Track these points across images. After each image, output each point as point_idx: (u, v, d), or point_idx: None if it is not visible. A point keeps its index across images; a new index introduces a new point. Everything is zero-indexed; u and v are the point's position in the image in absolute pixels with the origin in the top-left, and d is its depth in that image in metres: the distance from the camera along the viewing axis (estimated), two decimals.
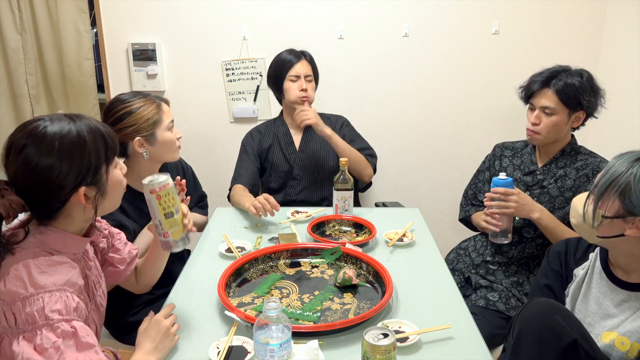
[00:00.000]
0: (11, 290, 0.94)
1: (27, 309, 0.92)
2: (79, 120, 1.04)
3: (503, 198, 1.64)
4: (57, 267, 0.99)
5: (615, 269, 1.24)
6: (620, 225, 1.13)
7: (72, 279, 1.00)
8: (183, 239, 1.21)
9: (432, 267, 1.55)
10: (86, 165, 1.02)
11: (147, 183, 1.13)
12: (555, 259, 1.37)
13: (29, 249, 1.01)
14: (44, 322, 0.92)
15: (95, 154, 1.03)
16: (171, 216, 1.13)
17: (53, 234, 1.05)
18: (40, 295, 0.94)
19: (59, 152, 0.99)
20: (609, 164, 1.16)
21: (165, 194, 1.13)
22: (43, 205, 1.03)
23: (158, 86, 2.61)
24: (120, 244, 1.34)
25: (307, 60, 2.14)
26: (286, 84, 2.10)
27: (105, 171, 1.07)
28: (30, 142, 0.99)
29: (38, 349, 0.90)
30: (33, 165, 0.98)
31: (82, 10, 2.52)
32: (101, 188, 1.07)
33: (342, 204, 1.85)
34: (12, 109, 2.67)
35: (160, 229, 1.15)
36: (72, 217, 1.07)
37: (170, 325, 1.12)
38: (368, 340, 0.97)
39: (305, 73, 2.10)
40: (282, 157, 2.18)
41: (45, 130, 1.00)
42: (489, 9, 2.49)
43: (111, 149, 1.08)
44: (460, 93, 2.62)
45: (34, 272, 0.96)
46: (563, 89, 1.68)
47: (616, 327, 1.20)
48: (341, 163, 1.81)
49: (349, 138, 2.15)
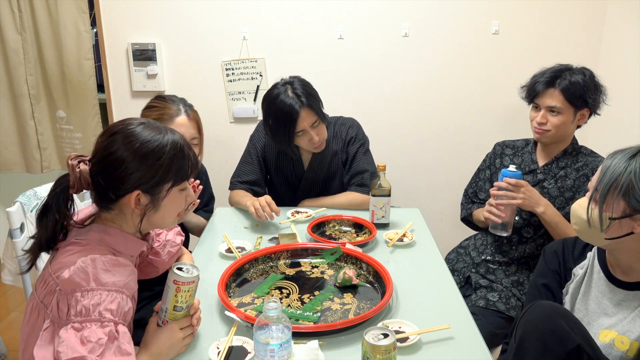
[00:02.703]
0: (74, 280, 0.97)
1: (84, 301, 0.95)
2: (170, 134, 1.10)
3: (512, 189, 1.64)
4: (120, 268, 1.03)
5: (614, 269, 1.24)
6: (629, 224, 1.13)
7: (130, 282, 1.04)
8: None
9: (432, 267, 1.55)
10: (151, 174, 1.07)
11: (176, 271, 1.09)
12: (552, 258, 1.37)
13: (93, 245, 1.05)
14: (96, 317, 0.95)
15: (164, 169, 1.08)
16: (179, 311, 1.11)
17: (115, 233, 1.09)
18: (99, 292, 0.97)
19: (136, 151, 1.05)
20: (604, 165, 1.15)
21: (186, 289, 1.09)
22: (102, 191, 1.07)
23: (158, 86, 2.61)
24: (160, 247, 1.37)
25: (306, 106, 1.85)
26: (295, 139, 1.91)
27: (168, 189, 1.10)
28: (121, 132, 1.07)
29: (83, 340, 0.92)
30: (111, 151, 1.05)
31: (82, 10, 2.52)
32: (155, 201, 1.10)
33: (378, 210, 1.77)
34: (12, 109, 2.67)
35: (163, 315, 1.11)
36: (125, 216, 1.10)
37: (182, 338, 1.11)
38: (368, 340, 0.97)
39: (310, 123, 1.87)
40: (289, 173, 2.08)
41: (137, 129, 1.08)
42: (489, 9, 2.49)
43: (184, 172, 1.12)
44: (460, 93, 2.62)
45: (99, 269, 0.99)
46: (569, 87, 1.69)
47: (615, 325, 1.20)
48: (379, 167, 1.74)
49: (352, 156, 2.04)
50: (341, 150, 2.07)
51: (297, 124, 1.85)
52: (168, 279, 1.10)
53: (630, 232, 1.13)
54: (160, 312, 1.12)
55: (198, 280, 1.12)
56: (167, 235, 1.41)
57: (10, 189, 2.98)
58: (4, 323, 2.57)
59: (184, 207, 1.19)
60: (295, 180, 2.10)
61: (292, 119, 1.84)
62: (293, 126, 1.85)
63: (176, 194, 1.13)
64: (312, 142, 1.91)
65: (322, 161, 2.05)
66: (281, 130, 1.88)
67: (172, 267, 1.10)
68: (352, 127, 2.09)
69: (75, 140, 2.72)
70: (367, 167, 2.03)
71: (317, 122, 1.89)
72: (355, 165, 2.04)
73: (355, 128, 2.09)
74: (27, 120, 2.66)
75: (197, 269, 1.12)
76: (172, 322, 1.11)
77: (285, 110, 1.84)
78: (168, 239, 1.41)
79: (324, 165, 2.06)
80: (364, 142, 2.08)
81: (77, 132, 2.70)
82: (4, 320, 2.59)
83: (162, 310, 1.12)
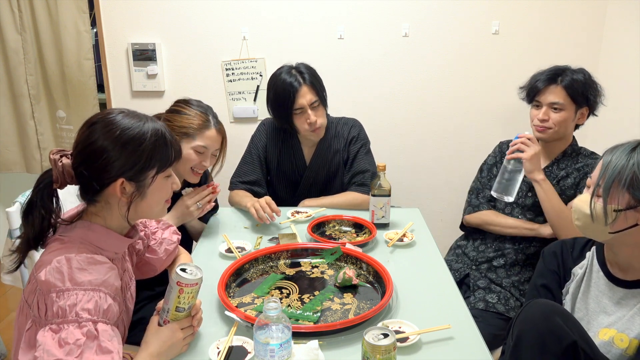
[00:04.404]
0: (49, 281, 0.96)
1: (60, 302, 0.95)
2: (151, 122, 1.10)
3: (527, 142, 1.68)
4: (96, 266, 1.02)
5: (613, 268, 1.25)
6: (634, 216, 1.14)
7: (109, 280, 1.02)
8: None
9: (432, 267, 1.55)
10: (133, 161, 1.06)
11: (179, 272, 1.09)
12: (551, 258, 1.38)
13: (74, 242, 1.05)
14: (73, 318, 0.94)
15: (147, 155, 1.07)
16: (181, 311, 1.11)
17: (98, 230, 1.09)
18: (75, 292, 0.96)
19: (116, 139, 1.05)
20: (605, 160, 1.17)
21: (189, 291, 1.09)
22: (86, 182, 1.07)
23: (158, 86, 2.61)
24: (156, 244, 1.37)
25: (308, 84, 1.90)
26: (294, 119, 1.94)
27: (152, 176, 1.10)
28: (100, 122, 1.07)
29: (60, 343, 0.92)
30: (91, 140, 1.05)
31: (82, 10, 2.52)
32: (140, 189, 1.09)
33: (378, 210, 1.77)
34: (12, 109, 2.67)
35: (165, 315, 1.11)
36: (111, 207, 1.10)
37: (182, 338, 1.11)
38: (368, 340, 0.97)
39: (309, 101, 1.90)
40: (289, 171, 2.09)
41: (117, 118, 1.07)
42: (489, 9, 2.49)
43: (167, 158, 1.12)
44: (460, 93, 2.62)
45: (74, 268, 0.98)
46: (571, 84, 1.72)
47: (614, 324, 1.21)
48: (379, 168, 1.74)
49: (353, 155, 2.06)
50: (343, 149, 2.08)
51: (296, 100, 1.88)
52: (171, 279, 1.09)
53: (635, 224, 1.14)
54: (162, 312, 1.12)
55: (201, 282, 1.12)
56: (163, 234, 1.41)
57: (10, 189, 2.98)
58: (4, 323, 2.57)
59: (170, 195, 1.18)
60: (297, 177, 2.10)
61: (292, 93, 1.88)
62: (292, 101, 1.88)
63: (162, 181, 1.13)
64: (310, 124, 1.91)
65: (324, 159, 2.06)
66: (281, 105, 1.92)
67: (176, 268, 1.09)
68: (355, 126, 2.10)
69: None
70: (368, 167, 2.04)
71: (316, 103, 1.92)
72: (356, 165, 2.05)
73: (357, 128, 2.10)
74: (27, 120, 2.66)
75: (201, 270, 1.12)
76: (174, 322, 1.11)
77: (286, 83, 1.89)
78: (164, 237, 1.40)
79: (326, 164, 2.07)
80: (366, 142, 2.09)
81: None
82: (4, 320, 2.59)
83: (164, 310, 1.11)
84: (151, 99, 2.64)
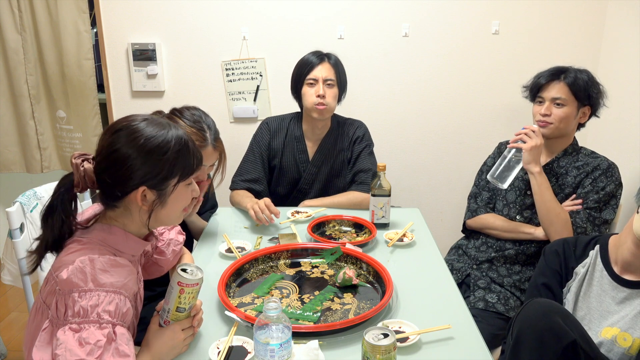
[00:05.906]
0: (72, 281, 0.96)
1: (82, 302, 0.95)
2: (174, 130, 1.09)
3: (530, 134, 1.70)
4: (118, 268, 1.02)
5: (617, 267, 1.25)
6: None
7: (129, 283, 1.03)
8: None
9: (432, 267, 1.55)
10: (157, 170, 1.06)
11: (180, 273, 1.09)
12: (553, 257, 1.38)
13: (93, 244, 1.04)
14: (94, 318, 0.94)
15: (170, 164, 1.07)
16: (182, 312, 1.11)
17: (117, 233, 1.08)
18: (97, 292, 0.96)
19: (140, 147, 1.04)
20: None
21: (190, 291, 1.10)
22: (108, 189, 1.07)
23: (158, 86, 2.61)
24: (164, 245, 1.37)
25: (331, 63, 1.98)
26: (304, 89, 1.97)
27: (174, 184, 1.10)
28: (125, 128, 1.06)
29: (81, 342, 0.92)
30: (115, 148, 1.04)
31: (82, 10, 2.52)
32: (162, 197, 1.09)
33: (378, 210, 1.77)
34: (12, 109, 2.67)
35: (165, 316, 1.11)
36: (131, 213, 1.09)
37: (183, 339, 1.12)
38: (368, 340, 0.97)
39: (325, 77, 1.95)
40: (292, 165, 2.09)
41: (141, 125, 1.07)
42: (489, 9, 2.49)
43: (189, 167, 1.11)
44: (460, 93, 2.62)
45: (97, 269, 0.98)
46: (575, 81, 1.74)
47: (617, 322, 1.21)
48: (379, 168, 1.74)
49: (356, 155, 2.08)
50: (347, 148, 2.10)
51: (312, 71, 1.96)
52: (172, 280, 1.09)
53: None
54: (163, 312, 1.12)
55: (202, 282, 1.12)
56: (169, 234, 1.41)
57: (10, 189, 2.98)
58: (4, 323, 2.57)
59: (189, 202, 1.18)
60: (299, 171, 2.11)
61: (312, 63, 1.97)
62: (309, 70, 1.96)
63: (182, 189, 1.13)
64: (318, 97, 1.94)
65: (327, 155, 2.08)
66: (298, 73, 2.01)
67: (177, 269, 1.09)
68: (360, 127, 2.14)
69: (76, 140, 2.72)
70: (370, 167, 2.06)
71: (332, 82, 1.97)
72: (358, 164, 2.07)
73: (362, 129, 2.14)
74: (27, 120, 2.66)
75: (202, 270, 1.12)
76: (174, 323, 1.11)
77: (309, 57, 2.00)
78: (171, 238, 1.41)
79: (329, 160, 2.08)
80: (370, 144, 2.12)
81: (77, 132, 2.70)
82: (4, 320, 2.59)
83: (165, 310, 1.11)
84: (151, 99, 2.64)
